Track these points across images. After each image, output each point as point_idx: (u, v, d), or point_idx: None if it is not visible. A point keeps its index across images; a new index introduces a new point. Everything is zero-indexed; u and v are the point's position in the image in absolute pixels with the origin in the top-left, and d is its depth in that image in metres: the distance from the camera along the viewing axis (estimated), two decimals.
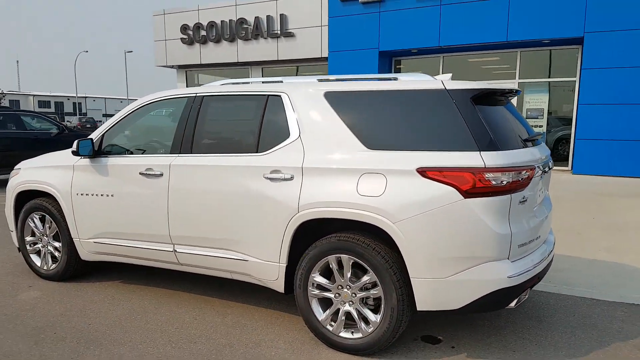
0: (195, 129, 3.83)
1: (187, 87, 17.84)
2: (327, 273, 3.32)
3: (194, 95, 3.93)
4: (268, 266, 3.46)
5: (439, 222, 2.87)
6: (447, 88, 3.05)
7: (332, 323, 3.28)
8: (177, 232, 3.81)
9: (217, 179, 3.59)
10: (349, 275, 3.19)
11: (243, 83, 3.88)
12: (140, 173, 3.94)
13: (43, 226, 4.64)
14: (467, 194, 2.83)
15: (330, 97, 3.35)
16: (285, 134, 3.43)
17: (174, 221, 3.81)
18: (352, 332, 3.22)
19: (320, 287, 3.31)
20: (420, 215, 2.89)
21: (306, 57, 15.45)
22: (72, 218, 4.33)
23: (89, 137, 4.26)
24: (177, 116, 3.98)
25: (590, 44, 11.39)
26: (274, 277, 3.46)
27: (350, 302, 3.21)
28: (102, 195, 4.14)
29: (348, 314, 3.25)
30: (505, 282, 2.89)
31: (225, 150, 3.68)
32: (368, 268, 3.08)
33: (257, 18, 15.94)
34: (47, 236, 4.63)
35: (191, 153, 3.79)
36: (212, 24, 16.84)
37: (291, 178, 3.30)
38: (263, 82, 3.79)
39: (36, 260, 4.74)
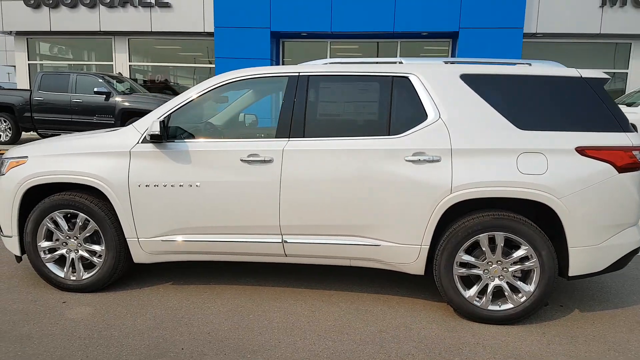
0: (306, 111, 3.55)
1: (28, 57, 15.34)
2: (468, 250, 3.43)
3: (296, 74, 3.62)
4: (406, 249, 3.44)
5: (597, 195, 3.24)
6: (583, 76, 3.40)
7: (478, 299, 3.43)
8: (291, 222, 3.52)
9: (346, 163, 3.42)
10: (501, 251, 3.36)
11: (351, 63, 3.69)
12: (241, 160, 3.51)
13: (71, 227, 3.78)
14: (620, 169, 3.23)
15: (468, 79, 3.45)
16: (422, 116, 3.43)
17: (287, 210, 3.50)
18: (500, 305, 3.42)
19: (466, 265, 3.43)
20: (582, 190, 3.22)
21: (186, 30, 14.45)
22: (129, 214, 3.64)
23: (157, 117, 3.61)
24: (275, 97, 3.63)
25: (463, 38, 12.92)
26: (411, 259, 3.46)
27: (500, 277, 3.40)
28: (181, 185, 3.57)
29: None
30: (638, 243, 3.39)
31: (348, 133, 3.51)
32: (524, 243, 3.30)
33: None
34: (76, 239, 3.79)
35: (304, 137, 3.52)
36: None
37: (439, 160, 3.32)
38: (377, 63, 3.66)
39: (56, 270, 3.85)
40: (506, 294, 3.41)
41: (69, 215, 3.78)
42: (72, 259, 3.82)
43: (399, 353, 3.03)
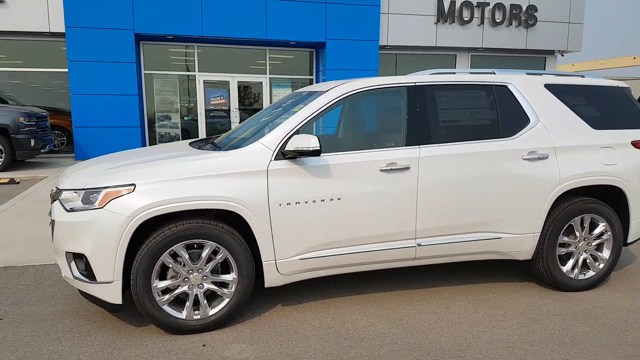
0: (429, 118, 3.76)
1: None
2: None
3: (413, 84, 3.80)
4: (522, 238, 3.94)
5: None
6: (620, 86, 4.35)
7: (570, 272, 4.10)
8: (426, 225, 3.71)
9: (473, 165, 3.76)
10: (587, 230, 4.09)
11: (453, 73, 4.01)
12: (381, 169, 3.56)
13: (194, 260, 3.31)
14: None
15: (550, 88, 4.12)
16: (525, 120, 3.97)
17: (423, 214, 3.68)
18: (585, 274, 4.16)
19: (563, 245, 4.08)
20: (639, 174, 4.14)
21: (25, 30, 12.29)
22: (269, 236, 3.37)
23: (289, 132, 3.43)
24: (397, 107, 3.77)
25: (330, 48, 13.83)
26: (524, 247, 3.98)
27: (585, 251, 4.14)
28: (322, 200, 3.45)
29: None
30: None
31: (467, 137, 3.84)
32: (602, 220, 4.09)
33: None
34: (200, 271, 3.33)
35: (431, 143, 3.74)
36: None
37: (547, 157, 3.91)
38: (471, 73, 4.06)
39: (172, 311, 3.31)
40: (588, 262, 4.15)
41: (194, 246, 3.30)
42: (204, 295, 3.34)
43: (563, 324, 3.52)
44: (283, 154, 3.42)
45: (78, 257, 3.28)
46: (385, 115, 3.88)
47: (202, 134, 13.94)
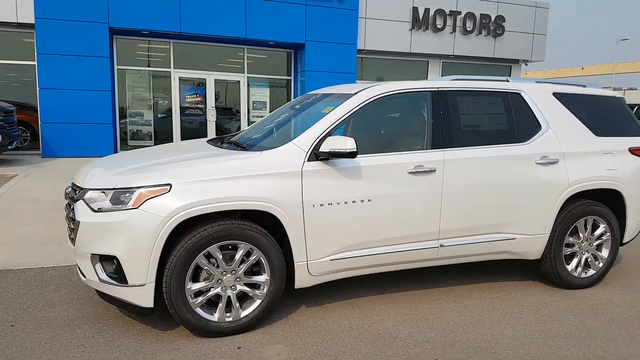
0: (452, 122, 3.88)
1: None
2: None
3: (436, 89, 3.91)
4: (533, 239, 4.12)
5: None
6: (617, 96, 4.61)
7: (574, 271, 4.32)
8: (448, 227, 3.82)
9: (493, 168, 3.90)
10: (589, 231, 4.32)
11: (470, 79, 4.14)
12: (409, 172, 3.64)
13: (227, 261, 3.29)
14: None
15: (558, 96, 4.32)
16: (536, 126, 4.15)
17: (446, 216, 3.79)
18: (586, 272, 4.38)
19: (568, 245, 4.29)
20: (636, 179, 4.40)
21: None
22: (302, 237, 3.40)
23: (320, 135, 3.48)
24: (422, 110, 3.87)
25: (309, 50, 13.87)
26: (535, 248, 4.16)
27: (587, 251, 4.36)
28: (354, 202, 3.51)
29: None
30: None
31: (485, 141, 3.98)
32: (602, 222, 4.33)
33: None
34: (234, 273, 3.31)
35: (454, 146, 3.85)
36: None
37: (557, 161, 4.10)
38: (489, 80, 4.20)
39: (204, 314, 3.27)
40: (589, 261, 4.37)
41: (229, 247, 3.28)
42: (229, 297, 3.32)
43: (576, 320, 3.70)
44: (316, 155, 3.45)
45: (106, 260, 3.20)
46: (410, 118, 3.97)
47: (176, 131, 13.69)
